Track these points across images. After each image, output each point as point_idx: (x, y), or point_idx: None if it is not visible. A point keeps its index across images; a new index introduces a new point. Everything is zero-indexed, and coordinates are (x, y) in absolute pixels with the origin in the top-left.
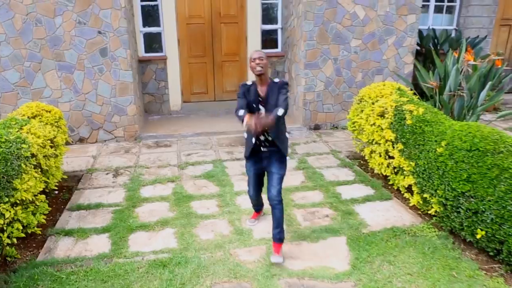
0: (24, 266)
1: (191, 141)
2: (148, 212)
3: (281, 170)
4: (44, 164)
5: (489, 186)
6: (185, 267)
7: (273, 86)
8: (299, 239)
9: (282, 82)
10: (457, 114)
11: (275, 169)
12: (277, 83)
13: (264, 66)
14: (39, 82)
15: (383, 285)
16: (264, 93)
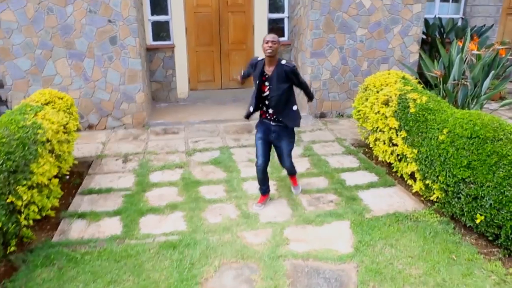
0: (40, 246)
1: (198, 128)
2: (158, 196)
3: (289, 145)
4: (57, 149)
5: (488, 173)
6: (194, 249)
7: (280, 67)
8: (304, 223)
9: (289, 70)
10: (461, 102)
11: (284, 144)
12: (286, 67)
13: (274, 49)
14: (50, 70)
15: (385, 266)
16: (271, 72)
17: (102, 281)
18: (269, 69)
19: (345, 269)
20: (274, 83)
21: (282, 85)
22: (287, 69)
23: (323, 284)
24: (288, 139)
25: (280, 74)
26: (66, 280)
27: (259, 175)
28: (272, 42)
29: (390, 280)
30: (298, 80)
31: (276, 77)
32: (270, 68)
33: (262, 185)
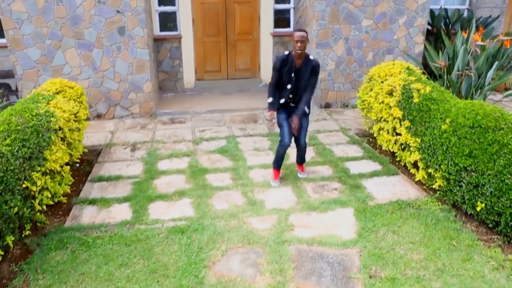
0: (54, 231)
1: (205, 118)
2: (166, 183)
3: (305, 123)
4: (69, 137)
5: (489, 161)
6: (202, 234)
7: (308, 62)
8: (309, 209)
9: (316, 65)
10: (464, 93)
11: (303, 123)
12: (312, 62)
13: (304, 47)
14: (59, 60)
15: (387, 252)
16: (299, 66)
17: (114, 264)
18: (298, 62)
19: (348, 254)
20: (302, 75)
21: (308, 78)
22: (314, 64)
23: (327, 268)
24: (304, 118)
25: (307, 68)
26: (79, 262)
27: (282, 153)
28: (301, 42)
29: (391, 264)
30: (316, 76)
31: (304, 70)
32: (299, 61)
33: (278, 163)
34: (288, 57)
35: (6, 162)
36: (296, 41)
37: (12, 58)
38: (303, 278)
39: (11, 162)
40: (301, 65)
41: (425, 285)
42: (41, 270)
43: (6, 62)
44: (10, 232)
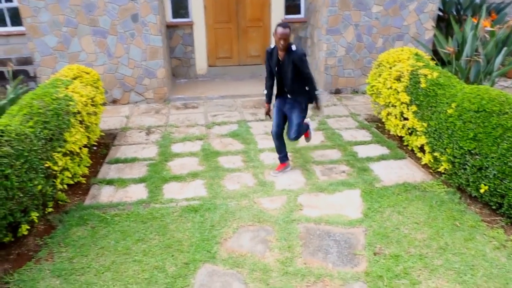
0: (74, 208)
1: (217, 103)
2: (179, 165)
3: (299, 118)
4: (87, 120)
5: (493, 144)
6: (214, 212)
7: (289, 54)
8: (317, 190)
9: (297, 57)
10: (473, 79)
11: (294, 116)
12: (293, 55)
13: (286, 42)
14: (75, 46)
15: (391, 231)
16: (282, 58)
17: (131, 239)
18: (281, 54)
19: (354, 232)
20: (285, 67)
21: (292, 69)
22: (295, 57)
23: (333, 245)
24: (299, 111)
25: (289, 60)
26: (98, 237)
27: (274, 142)
28: (284, 39)
29: (396, 243)
30: (303, 68)
31: (286, 62)
32: (282, 53)
33: (279, 153)
34: (273, 50)
35: (30, 143)
36: (278, 39)
37: (30, 45)
38: (310, 255)
39: (34, 142)
40: (283, 57)
41: (427, 262)
42: (64, 244)
43: (24, 49)
44: (34, 208)
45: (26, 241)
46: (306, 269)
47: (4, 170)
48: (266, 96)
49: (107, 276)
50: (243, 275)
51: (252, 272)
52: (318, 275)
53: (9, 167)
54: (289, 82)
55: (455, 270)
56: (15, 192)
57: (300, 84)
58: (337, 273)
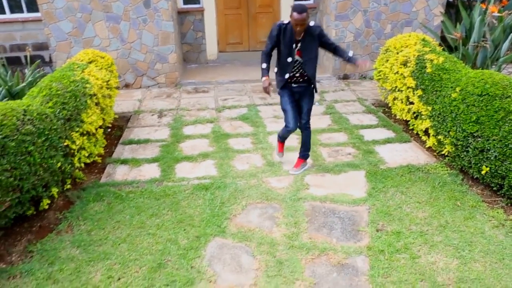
0: (91, 186)
1: (227, 87)
2: (191, 147)
3: (310, 104)
4: (102, 102)
5: (495, 127)
6: (224, 190)
7: (309, 30)
8: (323, 171)
9: (319, 29)
10: (480, 65)
11: (305, 103)
12: (314, 28)
13: (303, 27)
14: (89, 32)
15: (394, 209)
16: (301, 36)
17: (145, 214)
18: (299, 34)
19: (358, 210)
20: (306, 46)
21: (314, 47)
22: (319, 31)
23: (338, 222)
24: (310, 97)
25: (310, 36)
26: (114, 212)
27: (286, 135)
28: (301, 25)
29: (398, 220)
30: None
31: (308, 40)
32: (300, 32)
33: (284, 140)
34: (287, 27)
35: (50, 122)
36: (295, 25)
37: (46, 31)
38: (315, 230)
39: (54, 122)
40: (304, 35)
41: (427, 238)
42: (82, 217)
43: (40, 35)
44: (54, 184)
45: (47, 215)
46: (311, 244)
47: (28, 147)
48: (264, 70)
49: (123, 247)
50: (251, 248)
51: (260, 245)
52: (323, 249)
53: (32, 144)
54: (309, 63)
55: (454, 246)
56: (37, 168)
57: (315, 64)
58: (341, 247)
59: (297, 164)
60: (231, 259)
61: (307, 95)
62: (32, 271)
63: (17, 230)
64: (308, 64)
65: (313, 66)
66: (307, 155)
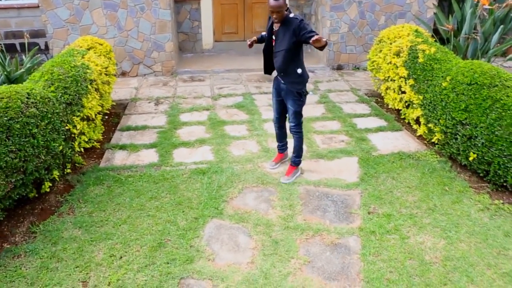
0: (91, 170)
1: (223, 76)
2: (188, 133)
3: (293, 107)
4: (101, 89)
5: (482, 115)
6: (221, 175)
7: (287, 21)
8: (317, 157)
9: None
10: (470, 56)
11: (289, 104)
12: (292, 20)
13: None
14: (86, 19)
15: (385, 194)
16: (278, 27)
17: (144, 197)
18: (277, 24)
19: (350, 194)
20: (280, 38)
21: (287, 40)
22: (294, 26)
23: (331, 205)
24: (292, 97)
25: (286, 28)
26: (114, 195)
27: (275, 129)
28: (276, 13)
29: (388, 203)
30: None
31: (282, 32)
32: (278, 23)
33: (278, 142)
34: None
35: (53, 106)
36: (271, 12)
37: (43, 18)
38: (309, 213)
39: (56, 106)
40: (279, 26)
41: (416, 221)
42: (83, 200)
43: (36, 22)
44: (56, 168)
45: (48, 198)
46: (306, 225)
47: (32, 129)
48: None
49: (124, 228)
50: (248, 228)
51: (256, 226)
52: (316, 230)
53: (36, 127)
54: (280, 58)
55: (441, 227)
56: (40, 150)
57: (293, 65)
58: (334, 228)
59: (288, 172)
60: (228, 239)
61: (291, 94)
62: (36, 251)
63: (19, 212)
64: (278, 56)
65: (283, 60)
66: (298, 161)
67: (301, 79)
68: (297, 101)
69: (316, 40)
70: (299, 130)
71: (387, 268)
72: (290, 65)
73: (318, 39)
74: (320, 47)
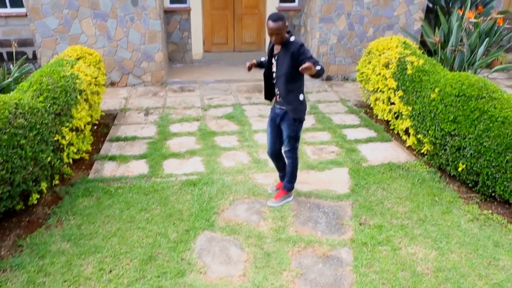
0: (79, 181)
1: (213, 87)
2: (178, 144)
3: (289, 131)
4: (90, 99)
5: (470, 126)
6: (211, 186)
7: (287, 44)
8: (308, 168)
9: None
10: (457, 68)
11: (284, 129)
12: (292, 44)
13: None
14: (76, 29)
15: (376, 204)
16: (278, 50)
17: (135, 209)
18: (277, 47)
19: (341, 205)
20: (280, 61)
21: (287, 64)
22: (294, 50)
23: (322, 216)
24: (289, 123)
25: (286, 51)
26: (104, 207)
27: (272, 161)
28: (276, 34)
29: (379, 214)
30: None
31: (282, 55)
32: (278, 46)
33: (279, 172)
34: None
35: (41, 116)
36: (270, 34)
37: (31, 27)
38: (301, 224)
39: (45, 116)
40: (280, 49)
41: (407, 231)
42: (71, 212)
43: (24, 31)
44: (44, 179)
45: (35, 210)
46: (297, 236)
47: (20, 141)
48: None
49: (114, 241)
50: (239, 241)
51: (248, 238)
52: (308, 242)
53: (23, 138)
54: (282, 81)
55: (432, 238)
56: (28, 161)
57: (294, 91)
58: (326, 240)
59: (277, 195)
60: (220, 252)
61: (286, 120)
62: (23, 265)
63: (5, 225)
64: (279, 81)
65: (284, 84)
66: (290, 187)
67: (302, 106)
68: (294, 126)
69: (306, 68)
70: (293, 156)
71: (379, 279)
72: (292, 91)
73: (307, 67)
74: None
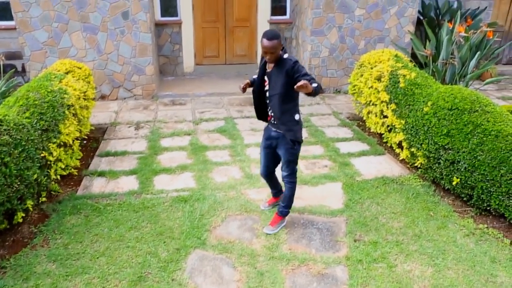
0: (67, 198)
1: (204, 100)
2: (169, 159)
3: (287, 156)
4: (79, 114)
5: (464, 140)
6: (203, 202)
7: (280, 62)
8: (301, 183)
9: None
10: (449, 80)
11: (281, 153)
12: (286, 62)
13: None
14: (65, 42)
15: (370, 220)
16: (271, 68)
17: (124, 227)
18: (270, 65)
19: (336, 221)
20: (273, 79)
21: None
22: (288, 67)
23: (316, 233)
24: (286, 146)
25: (279, 69)
26: (92, 225)
27: (264, 180)
28: (270, 53)
29: (374, 230)
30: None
31: (276, 73)
32: (271, 64)
33: (271, 189)
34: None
35: (27, 133)
36: (264, 52)
37: (20, 40)
38: (295, 241)
39: (31, 133)
40: (273, 67)
41: (403, 248)
42: (58, 231)
43: (13, 44)
44: (30, 197)
45: (21, 229)
46: (291, 254)
47: (4, 158)
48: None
49: (102, 261)
50: (232, 259)
51: (241, 257)
52: (302, 260)
53: (8, 155)
54: (276, 101)
55: (428, 254)
56: (13, 179)
57: (290, 111)
58: (320, 257)
59: (273, 222)
60: (212, 271)
61: (283, 144)
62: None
63: None
64: (272, 101)
65: (278, 105)
66: (286, 212)
67: (298, 126)
68: (291, 149)
69: (301, 86)
70: (293, 180)
71: None
72: (287, 111)
73: (303, 85)
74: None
